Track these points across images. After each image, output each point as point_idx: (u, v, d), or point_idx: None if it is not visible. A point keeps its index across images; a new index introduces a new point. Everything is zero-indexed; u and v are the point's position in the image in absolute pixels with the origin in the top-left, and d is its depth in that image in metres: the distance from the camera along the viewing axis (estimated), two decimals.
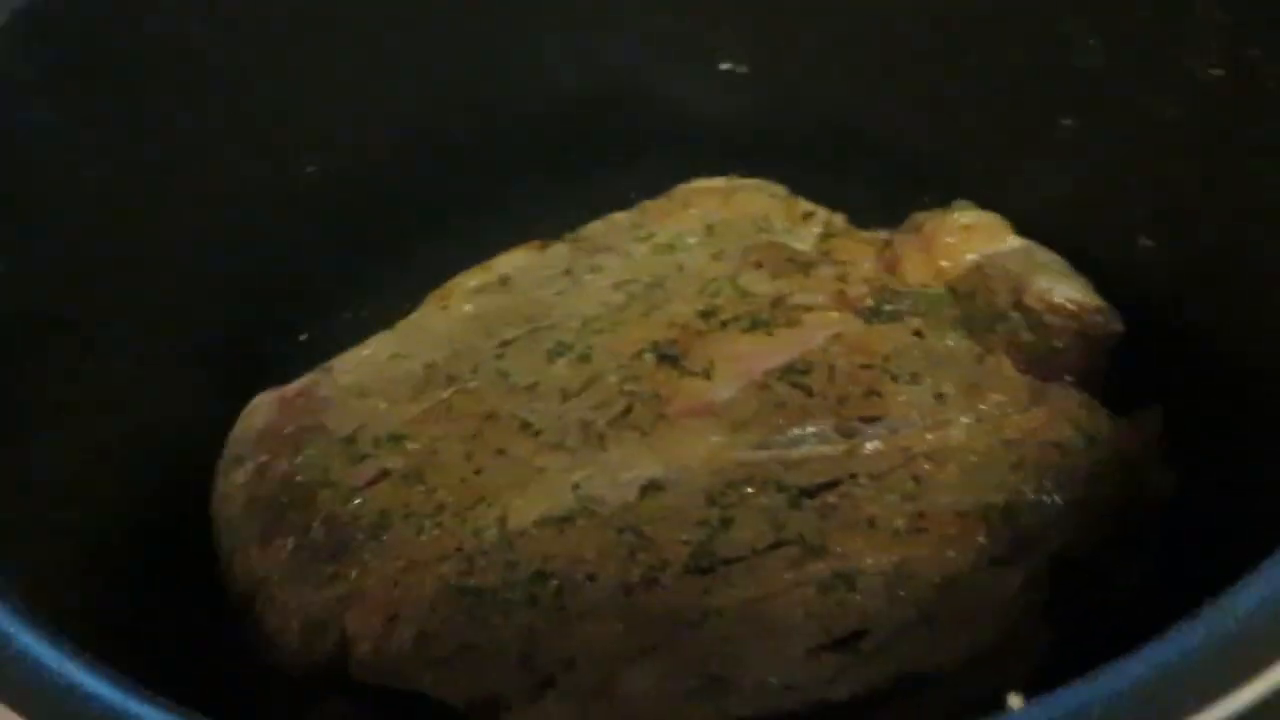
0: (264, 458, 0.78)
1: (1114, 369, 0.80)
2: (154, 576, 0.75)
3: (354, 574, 0.71)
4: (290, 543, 0.73)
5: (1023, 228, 0.83)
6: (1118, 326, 0.79)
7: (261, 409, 0.81)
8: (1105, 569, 0.73)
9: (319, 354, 0.86)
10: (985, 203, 0.84)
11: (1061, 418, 0.75)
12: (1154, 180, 0.75)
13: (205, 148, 0.84)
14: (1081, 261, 0.81)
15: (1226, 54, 0.64)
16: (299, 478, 0.76)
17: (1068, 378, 0.79)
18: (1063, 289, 0.79)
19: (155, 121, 0.80)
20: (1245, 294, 0.73)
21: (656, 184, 0.92)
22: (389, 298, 0.89)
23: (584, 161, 0.94)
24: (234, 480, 0.77)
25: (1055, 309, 0.79)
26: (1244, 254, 0.72)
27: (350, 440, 0.78)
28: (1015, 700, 0.37)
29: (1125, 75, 0.72)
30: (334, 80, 0.88)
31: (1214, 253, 0.74)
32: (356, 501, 0.74)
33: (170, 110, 0.81)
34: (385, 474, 0.76)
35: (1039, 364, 0.79)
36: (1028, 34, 0.78)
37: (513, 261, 0.88)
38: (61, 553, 0.69)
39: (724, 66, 0.90)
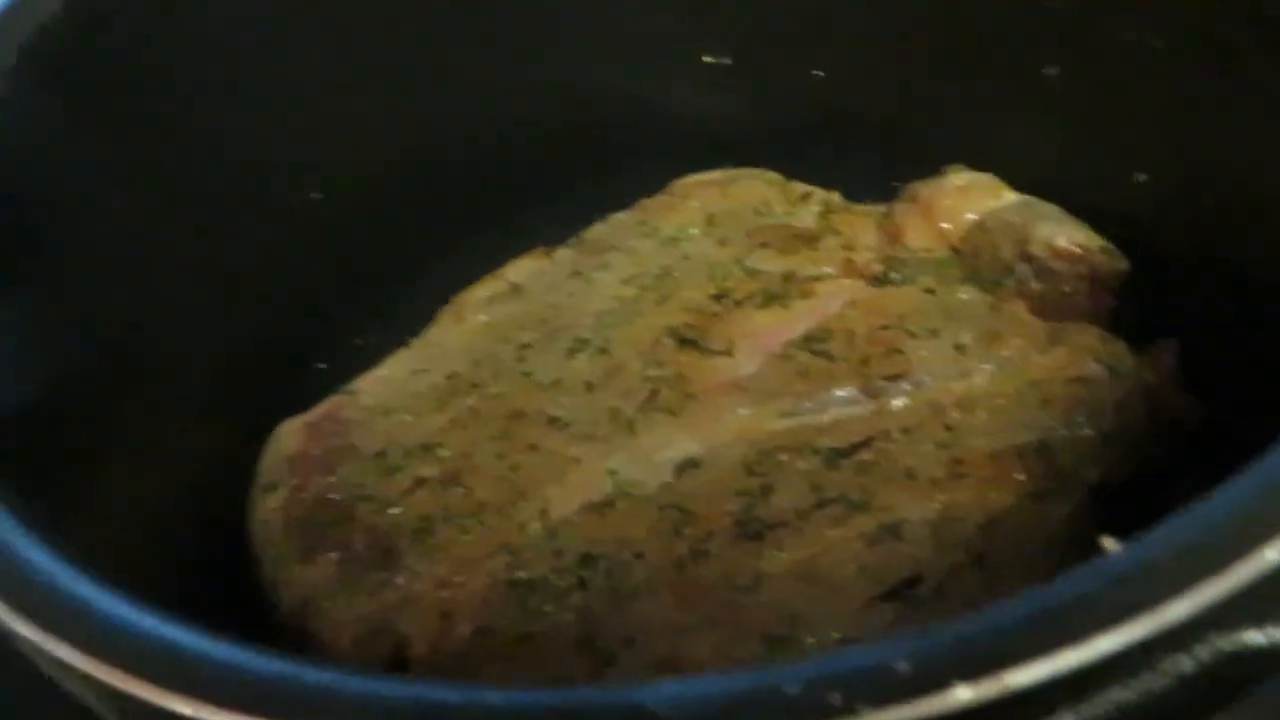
0: (296, 481, 0.78)
1: (1123, 307, 0.82)
2: (199, 614, 0.75)
3: (401, 580, 0.71)
4: (334, 557, 0.73)
5: (1018, 182, 0.84)
6: (1123, 264, 0.80)
7: (288, 436, 0.81)
8: (1145, 497, 0.74)
9: (338, 381, 0.86)
10: (978, 163, 0.86)
11: (1083, 354, 0.75)
12: (1141, 114, 0.76)
13: (210, 180, 0.84)
14: (1079, 206, 0.82)
15: None
16: (334, 495, 0.76)
17: (1084, 325, 0.80)
18: (1065, 234, 0.81)
19: (161, 155, 0.80)
20: (1244, 217, 0.74)
21: (653, 184, 0.93)
22: (400, 320, 0.89)
23: (579, 169, 0.95)
24: (269, 505, 0.77)
25: (1060, 254, 0.80)
26: (1242, 176, 0.73)
27: (381, 455, 0.78)
28: (1110, 542, 0.38)
29: (1106, 11, 0.74)
30: (331, 103, 0.88)
31: (1210, 180, 0.75)
32: (396, 510, 0.74)
33: (176, 144, 0.81)
34: (421, 482, 0.76)
35: (1051, 310, 0.80)
36: None
37: (521, 269, 0.89)
38: None
39: (706, 60, 0.92)
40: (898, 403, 0.75)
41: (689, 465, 0.74)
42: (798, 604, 0.67)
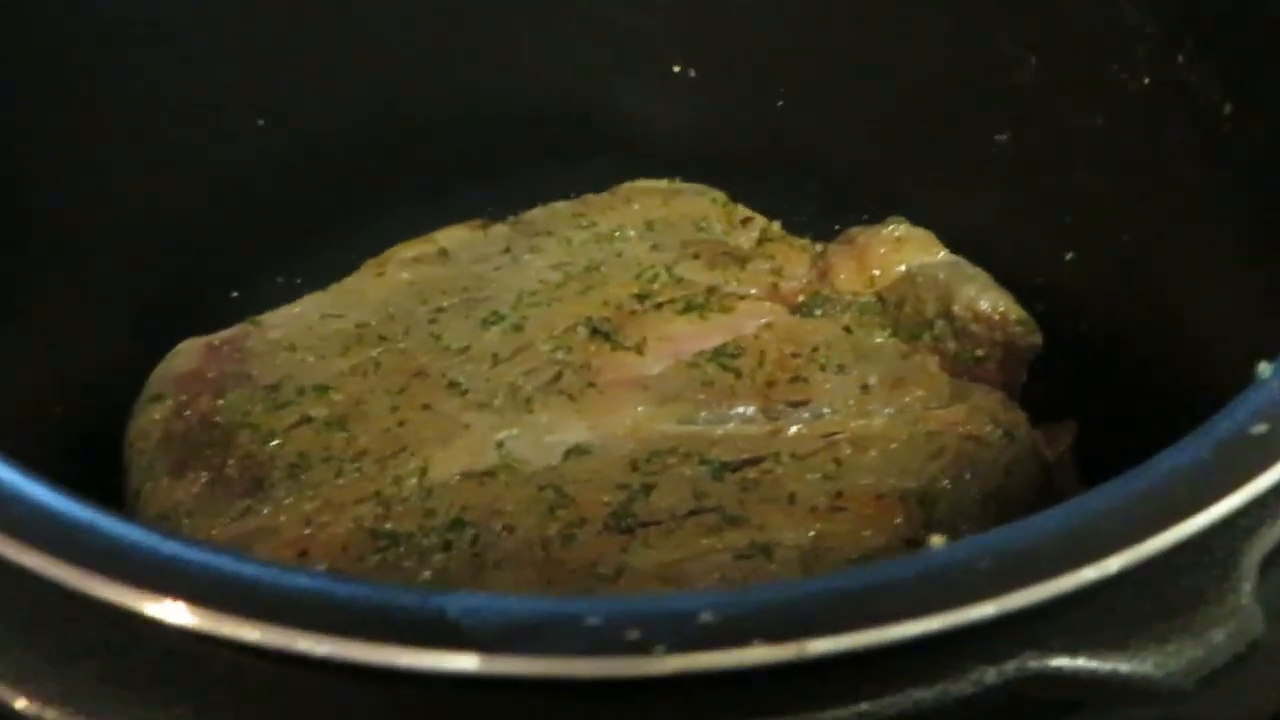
0: (184, 397, 0.77)
1: (1031, 382, 0.83)
2: None
3: (266, 510, 0.70)
4: (204, 477, 0.72)
5: (954, 242, 0.85)
6: (1037, 339, 0.82)
7: (186, 353, 0.80)
8: None
9: (250, 312, 0.85)
10: (919, 218, 0.87)
11: (981, 414, 0.76)
12: (1079, 194, 0.78)
13: (158, 105, 0.84)
14: (1008, 275, 0.83)
15: (1154, 63, 0.68)
16: (218, 419, 0.75)
17: (989, 388, 0.81)
18: (988, 300, 0.82)
19: (106, 74, 0.80)
20: (1161, 308, 0.76)
21: (601, 182, 0.94)
22: (325, 268, 0.89)
23: (531, 156, 0.95)
24: (150, 415, 0.76)
25: (980, 319, 0.81)
26: (1160, 268, 0.75)
27: (274, 388, 0.77)
28: (937, 539, 0.38)
29: (1057, 90, 0.76)
30: (295, 53, 0.89)
31: (1132, 268, 0.77)
32: (275, 443, 0.73)
33: (123, 64, 0.81)
34: (308, 420, 0.75)
35: (962, 371, 0.81)
36: (966, 53, 0.82)
37: (452, 236, 0.89)
38: None
39: (675, 69, 0.93)
40: (794, 429, 0.75)
41: (577, 451, 0.74)
42: None
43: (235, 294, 0.88)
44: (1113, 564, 0.35)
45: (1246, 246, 0.67)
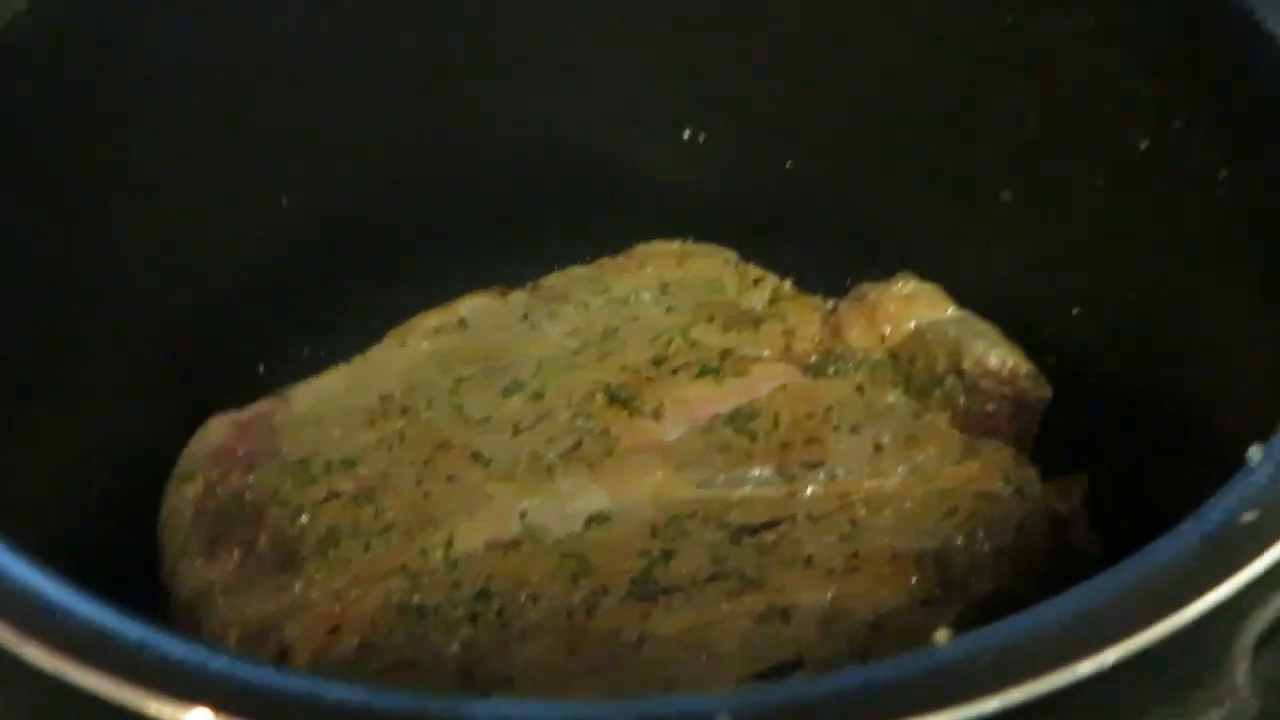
0: (215, 474, 0.79)
1: (1043, 435, 0.84)
2: (99, 585, 0.75)
3: (298, 586, 0.72)
4: (236, 554, 0.74)
5: (963, 297, 0.87)
6: (1046, 392, 0.83)
7: (216, 430, 0.82)
8: None
9: (277, 386, 0.87)
10: (928, 273, 0.88)
11: (993, 471, 0.78)
12: (1085, 250, 0.79)
13: (178, 179, 0.86)
14: (1016, 330, 0.85)
15: (1151, 127, 0.70)
16: (249, 495, 0.77)
17: (1000, 442, 0.83)
18: (997, 355, 0.83)
19: (131, 146, 0.82)
20: (1169, 362, 0.77)
21: (615, 244, 0.96)
22: (349, 337, 0.91)
23: (548, 218, 0.97)
24: (184, 494, 0.78)
25: (989, 374, 0.83)
26: (1168, 322, 0.76)
27: (303, 464, 0.79)
28: (941, 634, 0.39)
29: (1061, 149, 0.78)
30: (311, 128, 0.91)
31: (1140, 321, 0.78)
32: (305, 519, 0.75)
33: (146, 138, 0.83)
34: (336, 495, 0.77)
35: (973, 425, 0.83)
36: (972, 114, 0.84)
37: (472, 305, 0.91)
38: None
39: (685, 134, 0.95)
40: (810, 490, 0.77)
41: (598, 519, 0.75)
42: (678, 668, 0.68)
43: (262, 368, 0.91)
44: (1109, 656, 0.36)
45: (1253, 301, 0.68)
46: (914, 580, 0.73)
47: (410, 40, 0.92)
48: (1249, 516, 0.39)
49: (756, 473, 0.78)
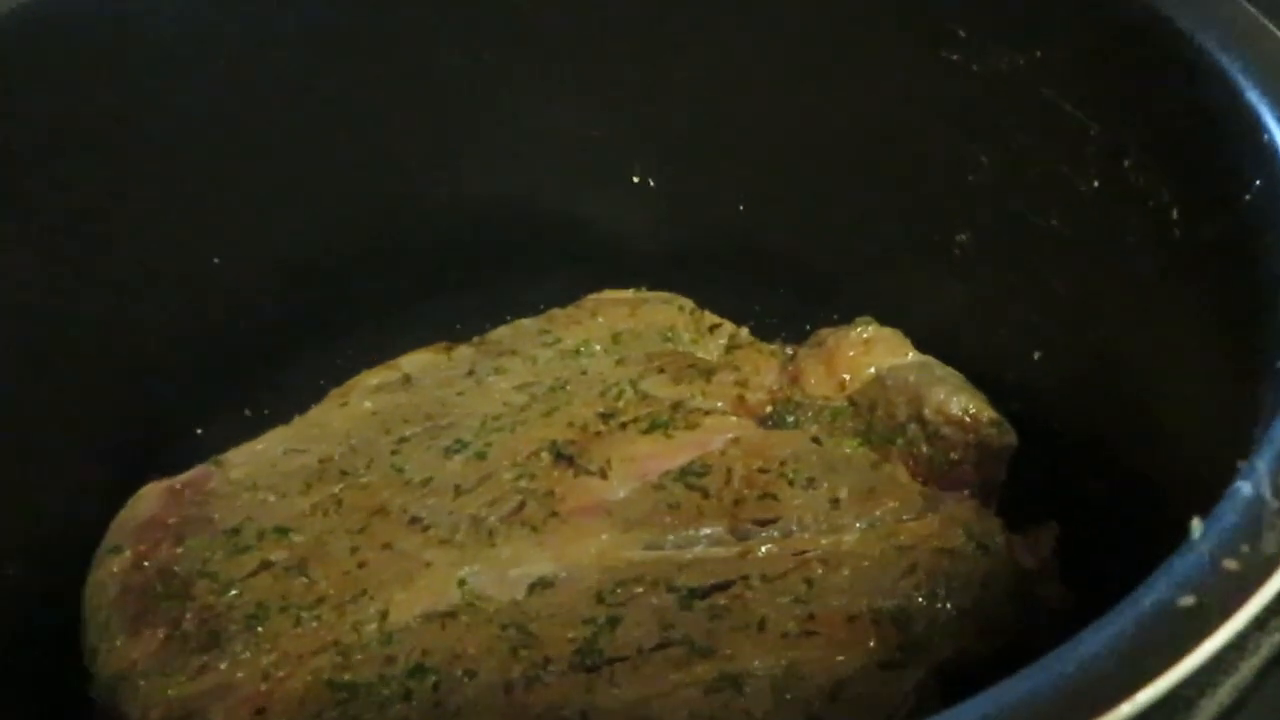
0: (143, 547, 0.76)
1: (1009, 482, 0.81)
2: (20, 671, 0.72)
3: (223, 666, 0.68)
4: (161, 633, 0.70)
5: (922, 343, 0.84)
6: (1011, 439, 0.80)
7: (147, 499, 0.79)
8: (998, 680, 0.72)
9: (217, 447, 0.84)
10: (887, 319, 0.86)
11: (955, 525, 0.74)
12: (1041, 292, 0.76)
13: (113, 243, 0.84)
14: (978, 375, 0.82)
15: (1102, 165, 0.67)
16: (177, 568, 0.74)
17: (965, 491, 0.80)
18: (959, 402, 0.80)
19: (69, 209, 0.80)
20: (1132, 406, 0.74)
21: (567, 294, 0.93)
22: (291, 397, 0.88)
23: (496, 271, 0.95)
24: (109, 568, 0.75)
25: (952, 421, 0.80)
26: (1127, 365, 0.73)
27: (235, 532, 0.76)
28: None
29: (1013, 190, 0.75)
30: (245, 178, 0.88)
31: (1101, 365, 0.75)
32: (234, 593, 0.72)
33: (88, 198, 0.81)
34: (267, 565, 0.74)
35: (936, 476, 0.80)
36: (924, 155, 0.81)
37: (416, 362, 0.88)
38: None
39: (635, 178, 0.92)
40: (764, 549, 0.74)
41: (541, 585, 0.72)
42: None
43: (199, 431, 0.88)
44: None
45: (1210, 341, 0.65)
46: (872, 643, 0.69)
47: (353, 96, 0.89)
48: (1186, 601, 0.36)
49: (708, 532, 0.75)
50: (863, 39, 0.79)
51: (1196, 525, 0.40)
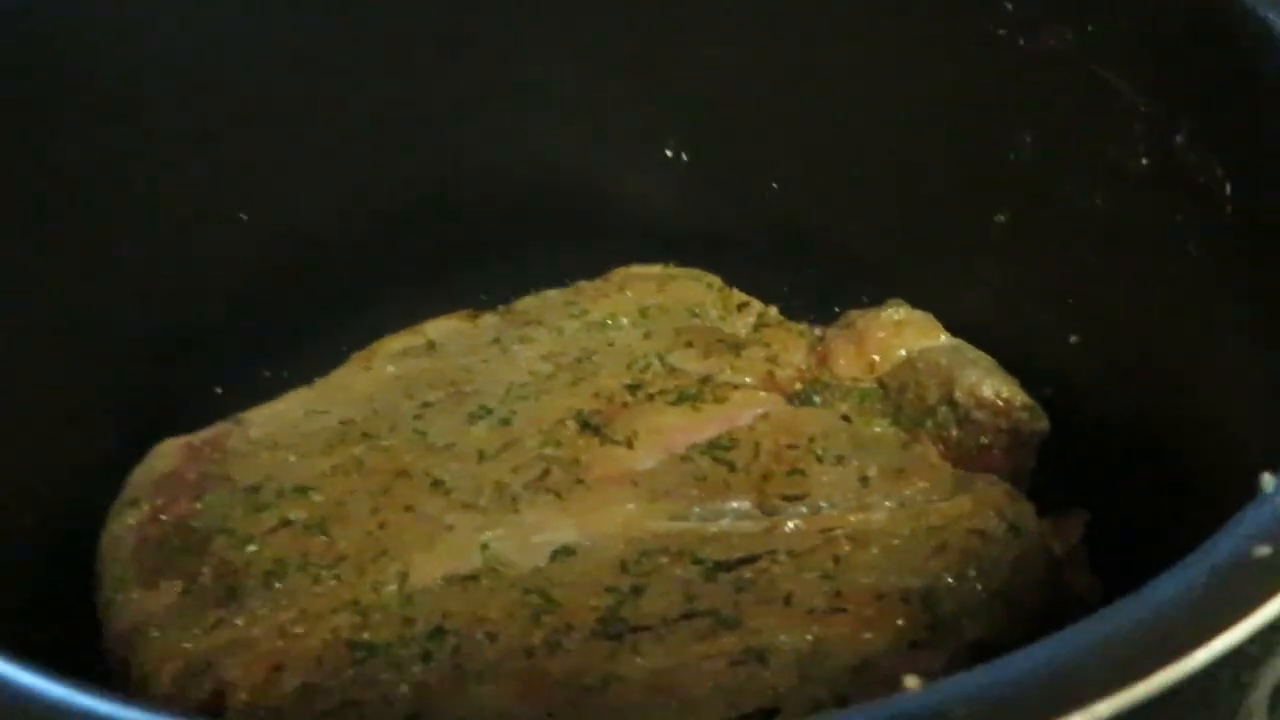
0: (160, 501, 0.74)
1: (1039, 470, 0.80)
2: (34, 617, 0.71)
3: (240, 621, 0.67)
4: (177, 586, 0.69)
5: (956, 325, 0.83)
6: (1043, 425, 0.79)
7: (166, 454, 0.78)
8: None
9: (234, 408, 0.83)
10: (920, 300, 0.84)
11: (986, 507, 0.73)
12: (1082, 275, 0.75)
13: (137, 201, 0.83)
14: (1012, 359, 0.80)
15: (1152, 143, 0.66)
16: (195, 523, 0.73)
17: (994, 478, 0.78)
18: (991, 386, 0.79)
19: (94, 165, 0.79)
20: (1172, 393, 0.73)
21: (595, 267, 0.92)
22: (311, 360, 0.87)
23: (523, 242, 0.93)
24: (125, 521, 0.73)
25: (983, 405, 0.79)
26: (1169, 350, 0.72)
27: (254, 490, 0.75)
28: (911, 680, 0.35)
29: (1056, 169, 0.74)
30: (276, 145, 0.87)
31: (1141, 350, 0.74)
32: (252, 548, 0.71)
33: (102, 149, 0.80)
34: (286, 523, 0.73)
35: (966, 458, 0.78)
36: (965, 132, 0.80)
37: (441, 328, 0.87)
38: None
39: (667, 152, 0.91)
40: (791, 524, 0.72)
41: (564, 552, 0.71)
42: (644, 714, 0.63)
43: (219, 390, 0.87)
44: (1102, 709, 0.32)
45: (1256, 327, 0.64)
46: (900, 622, 0.68)
47: (384, 62, 0.89)
48: (1262, 551, 0.35)
49: (734, 505, 0.73)
50: (907, 12, 0.78)
51: (1268, 480, 0.39)
